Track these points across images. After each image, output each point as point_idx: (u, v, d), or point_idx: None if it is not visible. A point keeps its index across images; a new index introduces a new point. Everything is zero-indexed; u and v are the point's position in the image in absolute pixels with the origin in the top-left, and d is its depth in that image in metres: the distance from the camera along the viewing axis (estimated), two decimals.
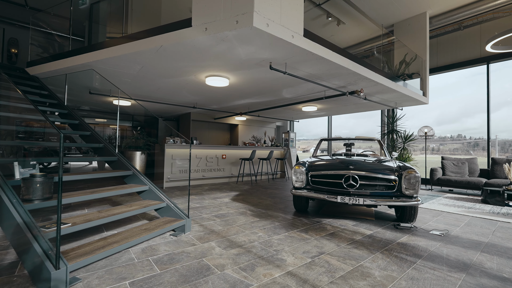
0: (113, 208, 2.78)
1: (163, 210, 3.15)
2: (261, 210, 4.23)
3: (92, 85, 5.72)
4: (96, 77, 5.22)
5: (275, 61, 3.80)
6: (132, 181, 3.40)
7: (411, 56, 6.86)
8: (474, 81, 14.57)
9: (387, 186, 3.36)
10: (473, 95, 5.85)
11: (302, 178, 3.72)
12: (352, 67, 4.16)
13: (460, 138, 16.38)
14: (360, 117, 72.47)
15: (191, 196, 5.26)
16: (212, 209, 4.20)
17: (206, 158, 7.33)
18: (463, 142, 15.81)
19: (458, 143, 15.83)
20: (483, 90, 7.22)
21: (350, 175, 3.37)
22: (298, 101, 6.49)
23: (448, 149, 16.52)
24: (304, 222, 3.56)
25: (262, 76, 4.65)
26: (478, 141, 13.83)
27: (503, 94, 6.65)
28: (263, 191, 6.17)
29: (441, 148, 16.18)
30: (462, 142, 16.01)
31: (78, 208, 3.97)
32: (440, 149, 16.10)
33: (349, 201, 3.25)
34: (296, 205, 4.10)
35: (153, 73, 4.58)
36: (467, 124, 44.94)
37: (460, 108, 15.94)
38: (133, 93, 6.12)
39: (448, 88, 26.73)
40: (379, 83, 4.91)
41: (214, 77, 4.61)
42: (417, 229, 3.30)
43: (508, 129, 7.64)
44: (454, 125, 35.12)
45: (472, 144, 13.62)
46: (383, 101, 6.40)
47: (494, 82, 7.09)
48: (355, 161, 3.73)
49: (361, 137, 5.43)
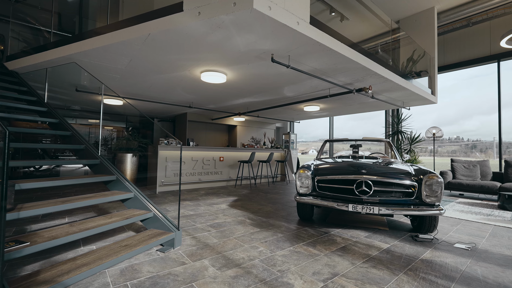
0: (87, 221, 2.37)
1: (150, 221, 2.74)
2: (262, 218, 3.83)
3: (80, 82, 5.33)
4: (84, 75, 4.83)
5: (277, 53, 3.42)
6: (115, 187, 2.99)
7: (418, 53, 6.51)
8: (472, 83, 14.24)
9: (404, 193, 2.97)
10: (471, 97, 5.71)
11: (308, 184, 3.33)
12: (361, 61, 3.79)
13: (458, 140, 16.19)
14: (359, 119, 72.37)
15: (185, 202, 4.85)
16: (208, 217, 3.79)
17: (203, 160, 6.92)
18: (461, 144, 15.62)
19: (456, 145, 15.63)
20: (481, 92, 6.94)
21: (362, 181, 2.98)
22: (301, 100, 6.12)
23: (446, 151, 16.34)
24: (310, 233, 3.16)
25: (263, 72, 4.27)
26: (476, 143, 13.62)
27: (503, 96, 6.37)
28: (263, 196, 5.77)
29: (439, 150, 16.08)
30: (460, 144, 15.81)
31: (58, 217, 3.56)
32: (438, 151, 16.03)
33: (362, 210, 2.86)
34: (300, 213, 3.70)
35: (143, 68, 4.19)
36: (464, 126, 44.87)
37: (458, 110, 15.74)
38: (123, 91, 5.72)
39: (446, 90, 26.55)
40: (388, 80, 4.54)
41: (210, 73, 4.22)
42: (438, 242, 2.91)
43: (505, 131, 7.50)
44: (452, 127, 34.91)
45: (470, 146, 13.50)
46: (390, 100, 6.03)
47: (493, 84, 6.81)
48: (367, 164, 3.34)
49: (368, 138, 5.05)
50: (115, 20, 3.35)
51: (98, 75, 4.52)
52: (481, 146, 13.49)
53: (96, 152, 3.20)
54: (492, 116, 6.92)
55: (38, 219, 3.40)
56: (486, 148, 12.67)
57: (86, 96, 6.10)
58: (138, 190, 2.93)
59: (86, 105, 7.29)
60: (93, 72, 4.35)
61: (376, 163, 3.53)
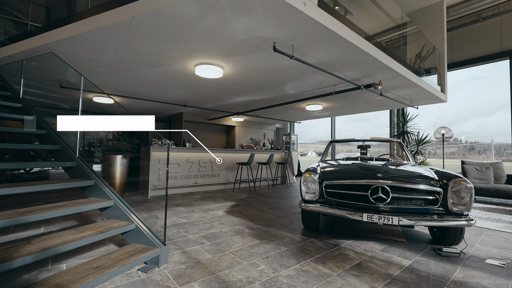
0: (52, 236, 1.97)
1: (132, 234, 2.34)
2: (262, 227, 3.43)
3: (66, 78, 4.93)
4: (71, 71, 4.44)
5: (280, 42, 3.04)
6: (93, 193, 2.58)
7: (427, 49, 6.15)
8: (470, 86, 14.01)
9: (427, 200, 2.58)
10: (468, 99, 5.49)
11: (314, 189, 2.94)
12: (373, 52, 3.42)
13: (456, 142, 16.11)
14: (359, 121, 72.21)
15: (178, 208, 4.44)
16: (202, 227, 3.39)
17: (199, 162, 6.52)
18: (459, 146, 15.54)
19: (454, 146, 15.55)
20: (478, 94, 6.56)
21: (378, 186, 2.59)
22: (303, 97, 5.73)
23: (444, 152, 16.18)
24: (317, 245, 2.76)
25: (263, 65, 3.89)
26: (473, 144, 13.46)
27: (498, 98, 6.04)
28: (263, 200, 5.37)
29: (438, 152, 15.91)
30: (458, 146, 15.73)
31: (33, 227, 3.14)
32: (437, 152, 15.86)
33: (379, 221, 2.47)
34: (305, 222, 3.31)
35: (131, 61, 3.80)
36: (462, 128, 44.75)
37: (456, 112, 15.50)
38: (112, 87, 5.33)
39: None
40: (400, 75, 4.17)
41: (205, 66, 3.83)
42: (467, 257, 2.52)
43: (503, 133, 7.33)
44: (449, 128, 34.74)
45: (468, 148, 13.42)
46: (399, 98, 5.66)
47: (488, 87, 6.51)
48: (383, 167, 2.96)
49: (377, 138, 4.67)
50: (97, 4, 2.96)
51: (81, 69, 4.13)
52: (479, 147, 13.34)
53: (73, 153, 2.79)
54: (490, 118, 6.75)
55: (10, 229, 2.98)
56: (484, 149, 12.45)
57: (75, 94, 5.69)
58: (119, 197, 2.53)
59: (76, 103, 6.88)
60: (76, 65, 3.96)
61: (390, 165, 3.14)
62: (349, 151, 24.05)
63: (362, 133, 49.62)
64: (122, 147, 5.27)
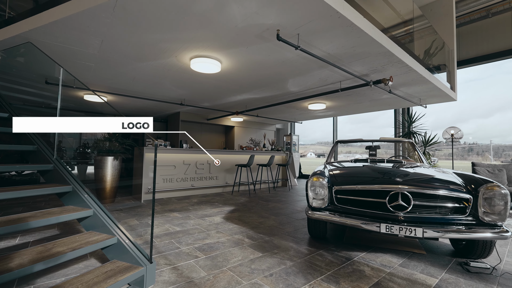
0: (12, 256, 1.63)
1: (113, 249, 2.00)
2: (264, 236, 3.09)
3: (53, 74, 4.59)
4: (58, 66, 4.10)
5: (284, 29, 2.72)
6: (71, 200, 2.25)
7: (435, 45, 5.85)
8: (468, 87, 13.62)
9: (453, 209, 2.26)
10: (467, 101, 5.34)
11: (323, 195, 2.61)
12: (386, 43, 3.10)
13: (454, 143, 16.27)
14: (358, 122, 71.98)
15: (172, 214, 4.11)
16: (197, 236, 3.05)
17: (196, 164, 6.19)
18: (458, 147, 15.63)
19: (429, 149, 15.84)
20: (476, 96, 6.25)
21: (398, 192, 2.26)
22: (307, 95, 5.41)
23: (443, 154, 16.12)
24: (327, 259, 2.43)
25: (265, 59, 3.57)
26: (472, 146, 13.47)
27: (497, 100, 5.74)
28: (264, 204, 5.04)
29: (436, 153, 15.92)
30: (457, 147, 15.82)
31: (8, 237, 2.80)
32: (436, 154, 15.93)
33: (400, 233, 2.14)
34: (312, 231, 2.98)
35: (120, 53, 3.47)
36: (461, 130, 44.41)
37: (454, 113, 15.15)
38: (103, 84, 5.00)
39: None
40: (412, 70, 3.86)
41: (201, 59, 3.51)
42: (499, 273, 2.20)
43: (501, 134, 6.95)
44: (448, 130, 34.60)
45: (467, 149, 13.45)
46: (407, 96, 5.35)
47: (487, 88, 6.23)
48: (400, 170, 2.64)
49: (386, 138, 4.36)
50: None
51: (67, 63, 3.80)
52: (478, 149, 13.27)
53: (50, 155, 2.46)
54: (488, 119, 6.51)
55: None
56: (482, 151, 12.33)
57: (67, 92, 5.35)
58: (100, 205, 2.19)
59: (68, 102, 6.55)
60: (61, 59, 3.63)
61: (407, 168, 2.82)
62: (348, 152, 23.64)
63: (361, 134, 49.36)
64: (113, 148, 4.93)
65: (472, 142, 14.28)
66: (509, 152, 9.49)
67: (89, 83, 4.88)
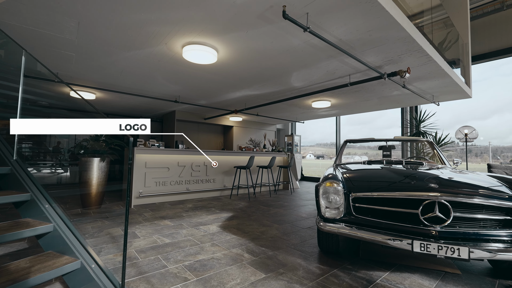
0: None
1: (76, 276, 1.56)
2: (266, 250, 2.66)
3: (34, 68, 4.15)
4: (40, 58, 3.67)
5: (291, 6, 2.30)
6: (30, 212, 1.81)
7: (449, 38, 5.44)
8: None
9: (502, 222, 1.83)
10: (466, 102, 5.10)
11: (339, 203, 2.18)
12: (408, 26, 2.69)
13: (453, 144, 16.31)
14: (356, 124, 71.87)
15: (163, 222, 3.66)
16: (189, 250, 2.61)
17: (192, 166, 5.75)
18: (456, 148, 15.58)
19: (451, 149, 15.73)
20: (475, 97, 5.84)
21: (435, 201, 1.83)
22: (311, 91, 4.99)
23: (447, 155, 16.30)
24: (344, 282, 2.00)
25: (267, 47, 3.15)
26: (470, 147, 13.44)
27: (495, 101, 5.52)
28: (265, 210, 4.60)
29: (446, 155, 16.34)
30: (455, 149, 15.72)
31: None
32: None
33: (439, 252, 1.71)
34: (323, 245, 2.55)
35: (101, 39, 3.04)
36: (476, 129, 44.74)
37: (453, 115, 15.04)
38: (89, 78, 4.56)
39: None
40: (432, 61, 3.44)
41: (194, 47, 3.09)
42: None
43: (499, 136, 6.84)
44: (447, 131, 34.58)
45: (465, 151, 13.43)
46: (420, 92, 4.94)
47: (486, 90, 5.92)
48: (430, 174, 2.21)
49: (401, 137, 3.94)
50: None
51: (44, 52, 3.37)
52: (476, 150, 13.21)
53: (7, 156, 2.02)
54: (487, 121, 6.31)
55: None
56: (481, 152, 12.19)
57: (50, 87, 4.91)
58: (64, 218, 1.76)
59: (53, 99, 6.10)
60: (35, 46, 3.21)
61: (435, 172, 2.40)
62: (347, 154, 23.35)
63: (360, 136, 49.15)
64: (100, 148, 4.49)
65: (470, 144, 14.32)
66: (507, 153, 9.40)
67: (73, 77, 4.44)
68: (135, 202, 4.81)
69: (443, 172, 2.38)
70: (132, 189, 4.75)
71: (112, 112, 8.41)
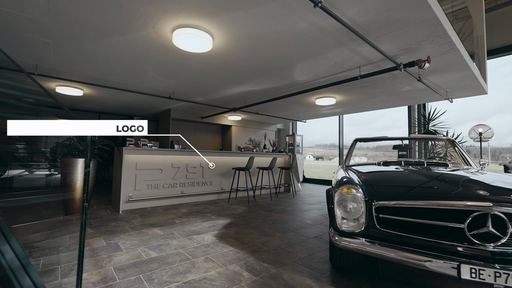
0: None
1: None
2: (269, 266, 2.26)
3: None
4: None
5: None
6: None
7: (464, 29, 5.07)
8: None
9: None
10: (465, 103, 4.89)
11: (359, 213, 1.78)
12: (434, 5, 2.30)
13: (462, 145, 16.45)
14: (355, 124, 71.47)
15: (152, 231, 3.25)
16: (177, 268, 2.21)
17: (187, 167, 5.34)
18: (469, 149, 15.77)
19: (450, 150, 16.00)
20: (474, 98, 5.47)
21: (488, 213, 1.44)
22: (316, 86, 4.59)
23: None
24: None
25: (269, 31, 2.75)
26: (469, 148, 13.36)
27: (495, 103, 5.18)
28: (266, 216, 4.20)
29: None
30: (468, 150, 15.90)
31: None
32: None
33: (497, 280, 1.31)
34: (336, 261, 2.15)
35: (79, 22, 2.65)
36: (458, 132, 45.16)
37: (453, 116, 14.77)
38: (72, 72, 4.15)
39: None
40: (455, 49, 3.06)
41: (186, 30, 2.69)
42: None
43: (498, 137, 6.60)
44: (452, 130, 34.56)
45: None
46: (434, 87, 4.55)
47: None
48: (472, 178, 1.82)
49: (417, 135, 3.55)
50: None
51: (19, 39, 2.97)
52: (475, 151, 13.21)
53: None
54: (486, 122, 6.18)
55: None
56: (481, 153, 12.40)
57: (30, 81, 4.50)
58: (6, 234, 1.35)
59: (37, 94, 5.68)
60: (5, 30, 2.80)
61: (474, 175, 2.00)
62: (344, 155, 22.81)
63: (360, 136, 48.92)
64: (83, 148, 4.09)
65: (469, 145, 14.26)
66: (506, 154, 9.41)
67: (55, 69, 4.04)
68: (124, 207, 4.40)
69: (483, 175, 1.98)
70: (121, 193, 4.34)
71: (103, 110, 7.99)
